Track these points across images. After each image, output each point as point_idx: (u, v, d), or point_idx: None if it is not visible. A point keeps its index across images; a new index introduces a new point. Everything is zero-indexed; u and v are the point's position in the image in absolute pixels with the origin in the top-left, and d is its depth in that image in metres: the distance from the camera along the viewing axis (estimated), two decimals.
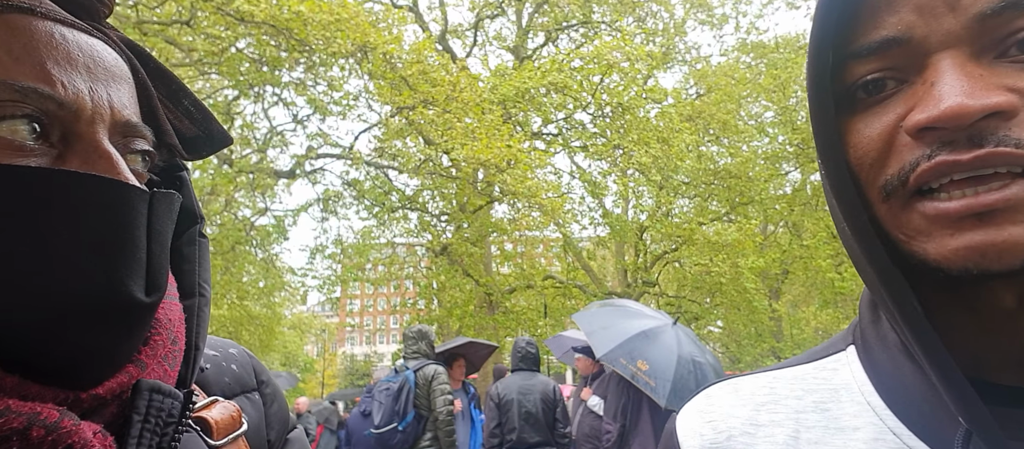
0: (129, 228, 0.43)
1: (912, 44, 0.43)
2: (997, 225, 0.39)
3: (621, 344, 4.67)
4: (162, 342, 0.49)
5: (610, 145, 13.04)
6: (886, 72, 0.44)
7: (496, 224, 13.84)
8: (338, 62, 10.72)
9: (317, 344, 44.08)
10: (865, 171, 0.45)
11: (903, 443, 0.47)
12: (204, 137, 0.59)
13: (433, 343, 5.15)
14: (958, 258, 0.40)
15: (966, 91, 0.39)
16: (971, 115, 0.39)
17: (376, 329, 58.73)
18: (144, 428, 0.45)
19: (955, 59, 0.41)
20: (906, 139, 0.42)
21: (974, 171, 0.39)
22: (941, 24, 0.42)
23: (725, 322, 17.95)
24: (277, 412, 0.70)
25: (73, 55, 0.45)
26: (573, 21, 15.10)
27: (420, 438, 4.76)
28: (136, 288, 0.43)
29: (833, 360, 0.57)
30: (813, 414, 0.53)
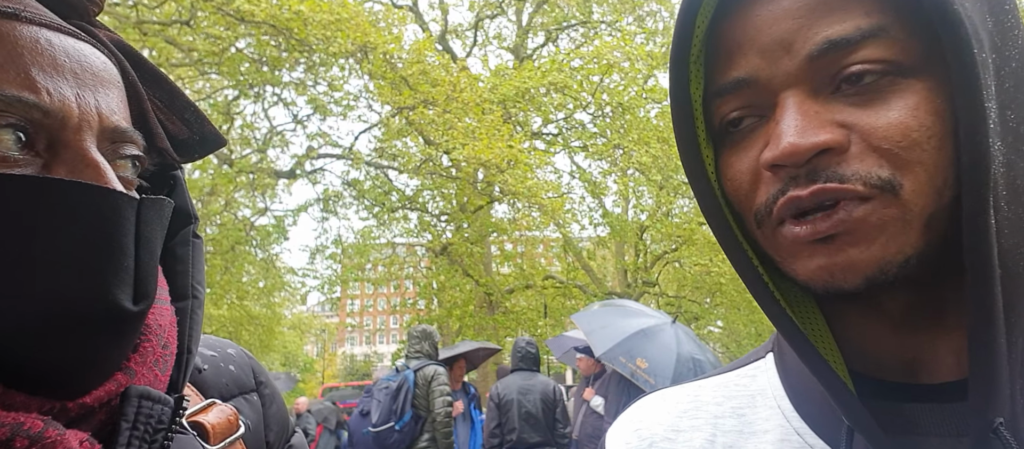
0: (116, 236, 0.42)
1: (760, 84, 0.46)
2: (837, 247, 0.43)
3: (620, 342, 4.68)
4: (152, 348, 0.48)
5: (610, 145, 13.04)
6: (744, 109, 0.48)
7: (496, 224, 13.85)
8: (338, 62, 10.73)
9: (317, 344, 44.09)
10: (741, 200, 0.50)
11: (805, 442, 0.51)
12: (197, 139, 0.58)
13: (437, 344, 5.15)
14: (816, 278, 0.45)
15: (799, 130, 0.43)
16: (803, 153, 0.43)
17: (376, 329, 58.73)
18: (133, 435, 0.45)
19: (796, 97, 0.45)
20: (767, 174, 0.46)
21: (815, 204, 0.43)
22: (781, 66, 0.45)
23: (725, 322, 17.96)
24: (276, 413, 0.69)
25: (59, 61, 0.44)
26: (573, 21, 15.10)
27: (418, 438, 4.75)
28: (123, 297, 0.42)
29: (753, 367, 0.61)
30: (730, 419, 0.57)
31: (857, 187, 0.42)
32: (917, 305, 0.47)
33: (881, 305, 0.48)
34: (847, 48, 0.43)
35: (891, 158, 0.42)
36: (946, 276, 0.45)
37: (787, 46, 0.45)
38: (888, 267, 0.43)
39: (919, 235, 0.43)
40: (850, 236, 0.43)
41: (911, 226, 0.43)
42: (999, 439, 0.41)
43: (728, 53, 0.48)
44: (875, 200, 0.42)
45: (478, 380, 13.02)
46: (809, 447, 0.51)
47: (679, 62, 0.50)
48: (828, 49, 0.43)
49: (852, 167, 0.43)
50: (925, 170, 0.42)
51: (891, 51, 0.43)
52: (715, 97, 0.49)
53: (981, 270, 0.41)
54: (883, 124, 0.42)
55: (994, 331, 0.41)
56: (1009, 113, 0.43)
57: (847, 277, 0.43)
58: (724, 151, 0.51)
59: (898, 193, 0.42)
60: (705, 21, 0.50)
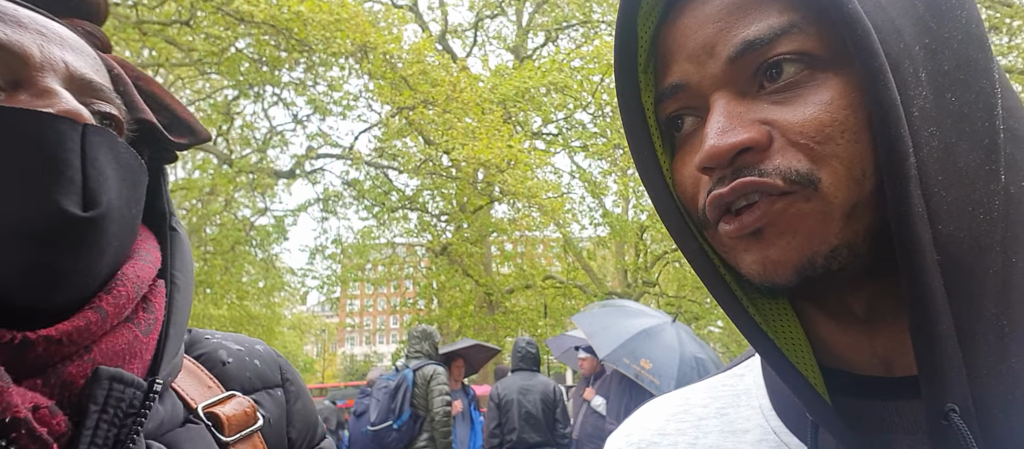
0: (56, 151, 0.44)
1: (692, 87, 0.48)
2: (767, 241, 0.44)
3: (623, 343, 4.68)
4: (126, 293, 0.48)
5: (610, 145, 13.04)
6: (684, 110, 0.49)
7: (496, 224, 13.85)
8: (338, 62, 10.73)
9: (317, 344, 44.09)
10: (686, 203, 0.51)
11: (781, 440, 0.52)
12: (186, 130, 0.61)
13: (437, 345, 5.15)
14: (754, 273, 0.45)
15: (721, 131, 0.44)
16: (724, 154, 0.44)
17: (376, 329, 58.73)
18: (101, 419, 0.44)
19: (724, 98, 0.46)
20: (704, 178, 0.47)
21: (737, 201, 0.44)
22: (707, 69, 0.47)
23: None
24: (300, 410, 0.69)
25: (23, 21, 0.48)
26: (573, 21, 15.10)
27: (416, 438, 4.75)
28: (69, 203, 0.43)
29: (742, 367, 0.62)
30: (713, 420, 0.58)
31: (776, 181, 0.43)
32: (876, 298, 0.47)
33: (843, 300, 0.48)
34: (762, 47, 0.44)
35: (808, 152, 0.43)
36: (891, 267, 0.44)
37: (710, 50, 0.46)
38: (815, 259, 0.43)
39: (842, 226, 0.43)
40: (774, 228, 0.44)
41: (832, 218, 0.43)
42: (952, 426, 0.40)
43: (664, 59, 0.50)
44: (795, 194, 0.43)
45: (478, 380, 13.02)
46: (785, 445, 0.52)
47: (625, 70, 0.52)
48: (744, 50, 0.45)
49: (773, 162, 0.43)
50: (842, 163, 0.43)
51: (804, 44, 0.44)
52: (659, 100, 0.51)
53: (911, 257, 0.41)
54: (799, 120, 0.43)
55: (933, 319, 0.40)
56: (949, 95, 0.43)
57: (779, 271, 0.44)
58: (673, 156, 0.52)
59: (817, 186, 0.43)
60: (650, 27, 0.51)
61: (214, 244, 13.64)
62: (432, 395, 4.78)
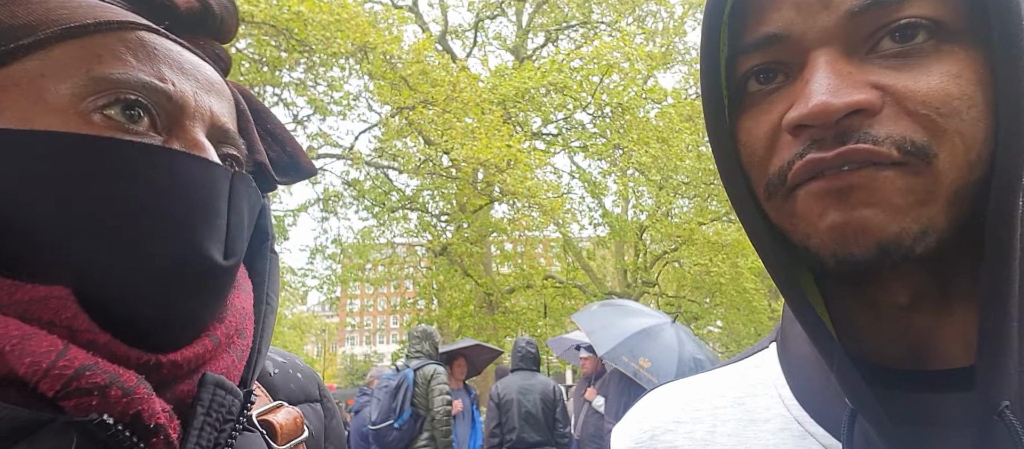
0: (211, 199, 0.48)
1: (792, 40, 0.44)
2: (853, 204, 0.41)
3: (622, 342, 4.69)
4: (234, 323, 0.52)
5: (610, 145, 13.04)
6: (772, 65, 0.46)
7: (496, 224, 13.84)
8: (338, 62, 10.72)
9: (317, 344, 44.08)
10: (754, 169, 0.47)
11: (805, 429, 0.50)
12: (292, 166, 0.64)
13: (437, 345, 5.17)
14: (828, 240, 0.42)
15: (832, 89, 0.41)
16: (834, 112, 0.41)
17: (376, 329, 58.71)
18: (206, 421, 0.48)
19: (829, 56, 0.43)
20: (787, 138, 0.44)
21: (838, 167, 0.41)
22: (817, 21, 0.43)
23: (725, 322, 17.96)
24: (335, 427, 0.72)
25: (185, 67, 0.52)
26: (573, 21, 15.10)
27: (417, 437, 4.76)
28: (215, 251, 0.47)
29: (757, 357, 0.60)
30: (730, 409, 0.56)
31: (891, 151, 0.40)
32: (924, 288, 0.45)
33: (887, 287, 0.46)
34: (890, 7, 0.41)
35: (928, 124, 0.40)
36: (956, 259, 0.44)
37: (826, 1, 0.43)
38: (904, 237, 0.41)
39: (942, 210, 0.41)
40: (869, 194, 0.41)
41: (936, 198, 0.41)
42: (1003, 422, 0.40)
43: (759, 8, 0.46)
44: (906, 166, 0.40)
45: (478, 380, 13.02)
46: (809, 435, 0.50)
47: (713, 21, 0.48)
48: (870, 6, 0.41)
49: (885, 129, 0.40)
50: (963, 141, 0.40)
51: (936, 9, 0.41)
52: (740, 55, 0.47)
53: (1002, 251, 0.40)
54: (923, 87, 0.40)
55: (1007, 314, 0.40)
56: None
57: (859, 240, 0.41)
58: (741, 116, 0.48)
59: (931, 162, 0.40)
60: None
61: None
62: (432, 394, 4.79)
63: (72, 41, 0.48)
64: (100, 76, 0.46)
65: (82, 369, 0.41)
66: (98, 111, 0.46)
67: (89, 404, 0.41)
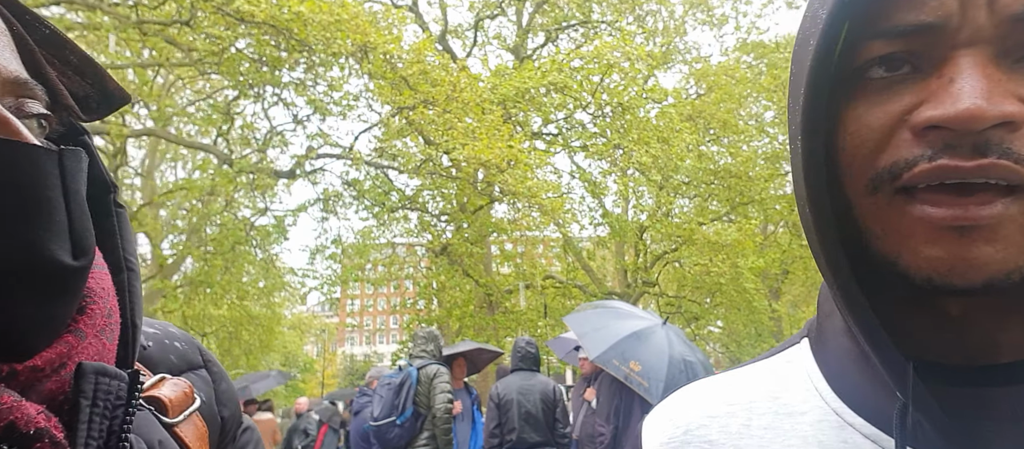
0: (41, 190, 0.40)
1: (944, 33, 0.41)
2: (972, 241, 0.39)
3: (613, 345, 4.69)
4: (99, 311, 0.46)
5: (610, 145, 13.03)
6: (906, 56, 0.43)
7: (496, 224, 13.84)
8: (338, 62, 10.72)
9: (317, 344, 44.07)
10: (858, 159, 0.44)
11: (844, 421, 0.49)
12: (99, 95, 0.54)
13: (441, 347, 5.20)
14: (927, 267, 0.40)
15: (985, 94, 0.38)
16: (986, 120, 0.38)
17: (376, 329, 58.72)
18: (93, 412, 0.44)
19: (977, 58, 0.40)
20: (907, 135, 0.42)
21: (972, 179, 0.39)
22: (976, 18, 0.40)
23: (725, 322, 17.96)
24: (227, 390, 0.69)
25: None
26: (573, 21, 15.10)
27: (417, 436, 4.77)
28: (61, 252, 0.41)
29: (789, 353, 0.59)
30: (765, 402, 0.55)
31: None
32: (985, 302, 0.44)
33: (944, 305, 0.45)
34: None
35: None
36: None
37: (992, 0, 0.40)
38: (1013, 273, 0.39)
39: None
40: (990, 232, 0.38)
41: None
42: None
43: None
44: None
45: (478, 381, 13.02)
46: (848, 426, 0.49)
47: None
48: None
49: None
50: None
51: None
52: (873, 38, 0.43)
53: None
54: None
55: None
56: None
57: (969, 275, 0.39)
58: (848, 102, 0.45)
59: None
60: None
61: (214, 244, 13.64)
62: (434, 392, 4.80)
63: None
64: None
65: None
66: None
67: None
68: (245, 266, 14.77)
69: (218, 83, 13.06)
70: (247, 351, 17.43)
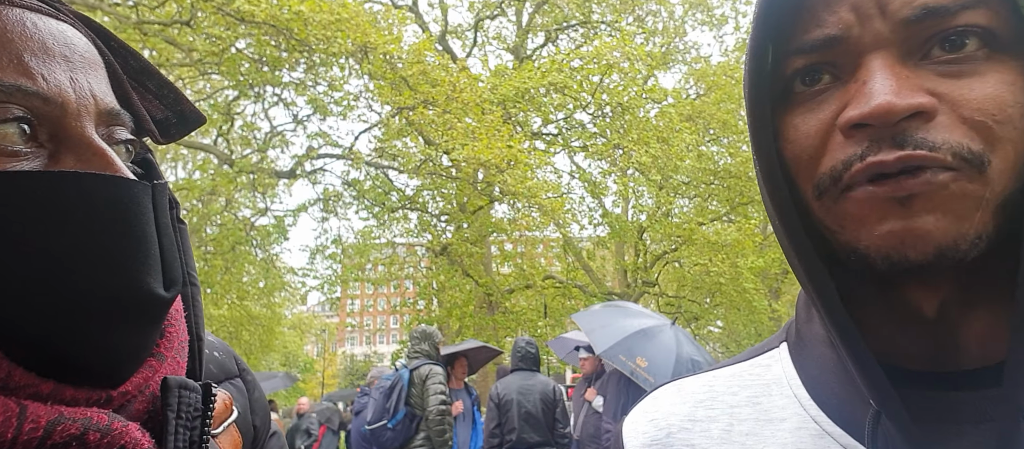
0: (139, 224, 0.42)
1: (849, 42, 0.45)
2: (915, 212, 0.42)
3: (620, 341, 4.70)
4: (176, 334, 0.49)
5: (610, 145, 13.04)
6: (825, 66, 0.47)
7: (496, 224, 13.84)
8: (338, 62, 10.73)
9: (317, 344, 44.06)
10: (801, 166, 0.47)
11: (822, 429, 0.51)
12: (176, 118, 0.56)
13: (437, 345, 5.16)
14: (884, 243, 0.43)
15: (894, 90, 0.42)
16: (898, 113, 0.41)
17: (376, 329, 58.72)
18: (179, 424, 0.46)
19: (885, 60, 0.44)
20: (839, 138, 0.45)
21: (898, 171, 0.42)
22: (873, 25, 0.44)
23: (725, 322, 17.96)
24: (259, 399, 0.70)
25: (48, 45, 0.43)
26: (573, 21, 15.10)
27: (413, 437, 4.76)
28: (155, 284, 0.43)
29: (767, 357, 0.60)
30: (746, 408, 0.56)
31: (946, 157, 0.41)
32: (957, 294, 0.46)
33: (916, 298, 0.47)
34: (945, 16, 0.42)
35: (983, 131, 0.42)
36: (988, 265, 0.44)
37: (881, 7, 0.44)
38: (961, 241, 0.42)
39: (992, 216, 0.42)
40: (929, 201, 0.42)
41: (988, 205, 0.42)
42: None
43: (812, 10, 0.46)
44: (961, 172, 0.41)
45: (478, 380, 13.02)
46: (826, 434, 0.50)
47: (764, 22, 0.48)
48: (925, 15, 0.43)
49: (941, 135, 0.41)
50: (1015, 148, 0.42)
51: (989, 19, 0.42)
52: (792, 55, 0.47)
53: None
54: (978, 95, 0.42)
55: None
56: None
57: (918, 245, 0.42)
58: (786, 114, 0.49)
59: (984, 169, 0.41)
60: None
61: (214, 244, 13.64)
62: (427, 394, 4.79)
63: None
64: None
65: (52, 425, 0.38)
66: None
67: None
68: (245, 266, 14.77)
69: (218, 83, 13.06)
70: (247, 351, 17.43)
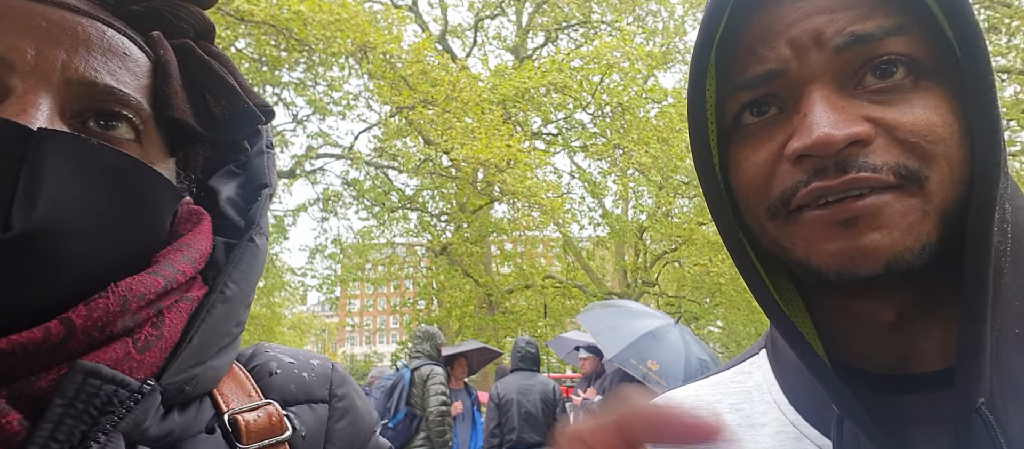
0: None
1: (788, 76, 0.48)
2: (859, 231, 0.45)
3: (631, 344, 4.69)
4: (105, 305, 0.44)
5: (610, 145, 13.04)
6: (768, 99, 0.49)
7: (496, 224, 13.84)
8: (338, 62, 10.73)
9: (317, 344, 44.08)
10: (753, 194, 0.50)
11: (800, 432, 0.54)
12: (236, 118, 0.58)
13: (439, 346, 5.16)
14: (833, 262, 0.46)
15: (832, 122, 0.45)
16: (836, 144, 0.44)
17: (376, 329, 58.73)
18: (67, 413, 0.41)
19: (822, 91, 0.46)
20: (786, 166, 0.48)
21: (843, 193, 0.45)
22: (809, 58, 0.47)
23: (725, 322, 17.97)
24: (344, 430, 0.66)
25: (33, 23, 0.46)
26: (573, 21, 15.10)
27: (413, 437, 4.76)
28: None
29: (748, 364, 0.63)
30: (730, 414, 0.59)
31: (888, 177, 0.44)
32: (908, 306, 0.49)
33: (874, 306, 0.49)
34: (871, 43, 0.45)
35: (918, 151, 0.45)
36: (938, 273, 0.47)
37: (816, 38, 0.46)
38: (907, 253, 0.44)
39: (935, 226, 0.45)
40: (872, 220, 0.44)
41: (930, 216, 0.45)
42: (981, 418, 0.44)
43: (751, 48, 0.49)
44: (903, 189, 0.45)
45: (478, 381, 13.03)
46: (804, 437, 0.53)
47: (700, 60, 0.51)
48: (853, 42, 0.46)
49: (881, 157, 0.45)
50: (949, 163, 0.45)
51: (912, 48, 0.46)
52: (736, 91, 0.50)
53: (981, 262, 0.44)
54: (909, 119, 0.45)
55: (984, 320, 0.44)
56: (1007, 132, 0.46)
57: (867, 262, 0.45)
58: (735, 147, 0.52)
59: (924, 184, 0.45)
60: (724, 12, 0.51)
61: None
62: (428, 394, 4.79)
63: None
64: None
65: None
66: None
67: None
68: None
69: None
70: None
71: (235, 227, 0.59)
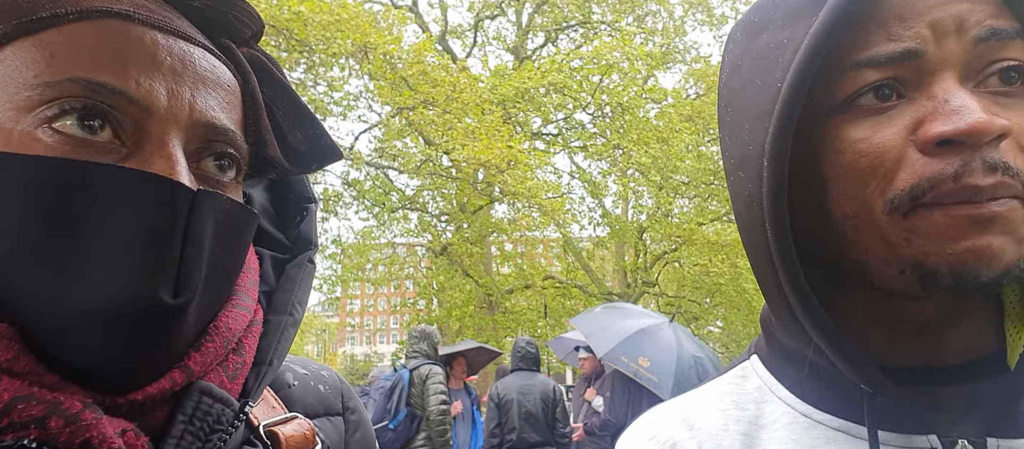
0: (159, 225, 0.41)
1: (924, 59, 0.45)
2: (993, 233, 0.43)
3: (620, 343, 4.72)
4: (214, 349, 0.47)
5: (610, 145, 13.04)
6: (895, 82, 0.46)
7: (496, 224, 13.85)
8: (338, 62, 10.73)
9: (317, 344, 44.06)
10: (865, 177, 0.46)
11: (812, 420, 0.54)
12: (312, 150, 0.58)
13: (436, 345, 5.16)
14: (957, 261, 0.44)
15: (984, 108, 0.42)
16: (991, 133, 0.42)
17: (376, 329, 58.71)
18: (187, 430, 0.44)
19: (955, 81, 0.44)
20: (915, 154, 0.44)
21: (991, 195, 0.43)
22: (948, 44, 0.45)
23: (725, 322, 17.96)
24: (359, 441, 0.68)
25: (159, 58, 0.45)
26: (573, 21, 15.10)
27: (413, 437, 4.75)
28: (162, 289, 0.41)
29: (740, 369, 0.64)
30: (734, 413, 0.60)
31: (1018, 185, 0.43)
32: (953, 303, 0.49)
33: (922, 310, 0.50)
34: (1005, 39, 0.44)
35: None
36: None
37: (959, 25, 0.44)
38: (1020, 263, 0.44)
39: None
40: (1006, 224, 0.43)
41: None
42: None
43: (883, 24, 0.46)
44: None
45: (478, 381, 13.03)
46: (818, 423, 0.54)
47: (833, 24, 0.46)
48: (990, 36, 0.44)
49: (1016, 162, 0.43)
50: None
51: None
52: (860, 68, 0.46)
53: None
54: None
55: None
56: None
57: (992, 264, 0.43)
58: (839, 127, 0.47)
59: None
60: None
61: None
62: (428, 394, 4.79)
63: (26, 39, 0.42)
64: (47, 82, 0.41)
65: (14, 401, 0.37)
66: (46, 124, 0.41)
67: (28, 438, 0.38)
68: None
69: None
70: None
71: (269, 237, 0.60)
